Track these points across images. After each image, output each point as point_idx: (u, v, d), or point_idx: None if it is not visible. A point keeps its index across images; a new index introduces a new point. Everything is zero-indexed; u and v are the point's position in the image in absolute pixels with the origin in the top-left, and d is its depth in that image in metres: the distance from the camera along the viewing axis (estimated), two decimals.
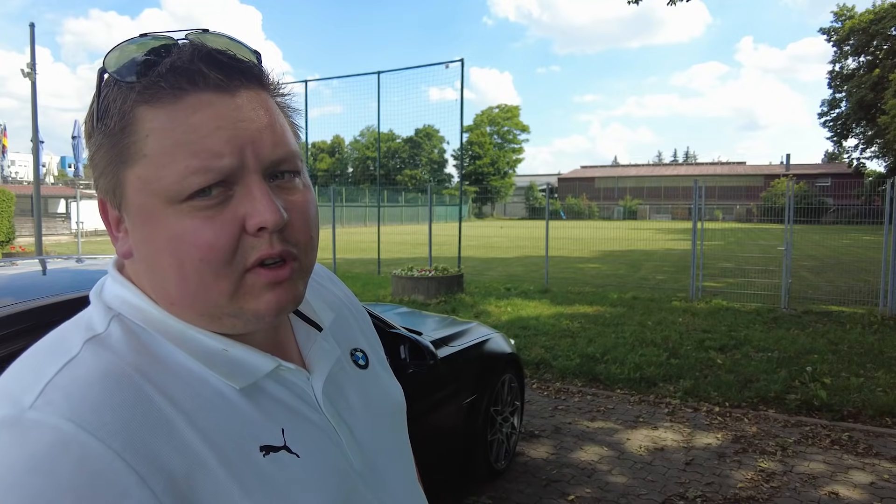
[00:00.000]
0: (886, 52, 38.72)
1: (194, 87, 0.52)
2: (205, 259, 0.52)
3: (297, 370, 0.62)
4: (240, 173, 0.53)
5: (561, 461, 3.84)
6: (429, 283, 9.59)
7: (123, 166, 0.53)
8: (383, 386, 0.76)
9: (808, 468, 3.73)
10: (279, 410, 0.58)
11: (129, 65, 0.53)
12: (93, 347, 0.52)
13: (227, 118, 0.52)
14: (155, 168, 0.52)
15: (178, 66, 0.52)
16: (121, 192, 0.54)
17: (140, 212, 0.54)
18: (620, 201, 57.71)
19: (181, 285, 0.54)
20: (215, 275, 0.53)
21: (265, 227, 0.53)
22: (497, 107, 67.83)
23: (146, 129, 0.52)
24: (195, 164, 0.51)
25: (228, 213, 0.53)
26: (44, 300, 1.63)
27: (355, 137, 68.42)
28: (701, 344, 6.53)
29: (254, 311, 0.55)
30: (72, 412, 0.46)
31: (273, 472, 0.54)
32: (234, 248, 0.53)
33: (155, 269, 0.55)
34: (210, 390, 0.55)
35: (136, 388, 0.50)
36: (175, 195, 0.52)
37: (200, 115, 0.52)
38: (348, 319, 0.79)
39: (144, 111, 0.52)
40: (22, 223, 22.08)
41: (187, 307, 0.56)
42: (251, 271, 0.54)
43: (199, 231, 0.52)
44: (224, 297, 0.54)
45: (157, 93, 0.52)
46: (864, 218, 12.43)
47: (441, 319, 3.98)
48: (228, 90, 0.53)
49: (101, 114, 0.53)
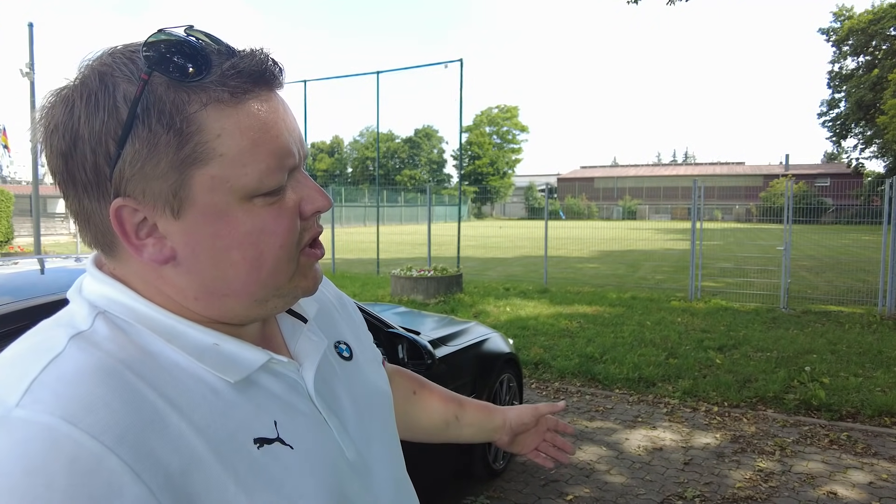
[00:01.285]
0: (885, 53, 38.75)
1: (258, 88, 0.55)
2: (284, 245, 0.57)
3: (288, 362, 0.63)
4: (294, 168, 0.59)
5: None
6: (428, 283, 9.59)
7: (193, 167, 0.52)
8: (368, 377, 0.77)
9: (807, 468, 3.73)
10: (272, 403, 0.59)
11: (193, 64, 0.51)
12: (79, 343, 0.51)
13: (285, 118, 0.57)
14: (232, 167, 0.53)
15: (256, 69, 0.54)
16: (185, 194, 0.53)
17: (210, 210, 0.54)
18: (620, 201, 57.71)
19: (252, 275, 0.57)
20: (288, 259, 0.58)
21: (320, 211, 0.60)
22: (496, 107, 67.90)
23: (216, 129, 0.52)
24: (273, 164, 0.55)
25: (288, 201, 0.58)
26: (41, 299, 1.63)
27: (354, 137, 68.63)
28: (700, 344, 6.54)
29: (304, 288, 0.62)
30: (61, 409, 0.45)
31: (267, 464, 0.54)
32: (298, 232, 0.59)
33: (218, 266, 0.56)
34: (202, 385, 0.55)
35: (126, 384, 0.49)
36: (251, 192, 0.54)
37: (268, 115, 0.55)
38: (332, 312, 0.80)
39: (212, 111, 0.52)
40: (21, 223, 22.06)
41: (243, 297, 0.58)
42: (303, 252, 0.61)
43: (277, 221, 0.56)
44: (287, 277, 0.59)
45: (230, 93, 0.52)
46: (863, 218, 12.45)
47: (440, 319, 3.98)
48: (275, 90, 0.57)
49: (151, 114, 0.50)
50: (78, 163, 0.52)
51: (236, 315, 0.59)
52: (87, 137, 0.51)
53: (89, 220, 0.55)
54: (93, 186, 0.53)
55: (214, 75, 0.52)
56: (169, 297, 0.57)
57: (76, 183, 0.53)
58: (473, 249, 19.09)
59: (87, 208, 0.54)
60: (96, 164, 0.52)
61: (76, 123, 0.51)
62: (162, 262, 0.55)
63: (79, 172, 0.53)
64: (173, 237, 0.55)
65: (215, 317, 0.58)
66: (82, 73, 0.53)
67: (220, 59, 0.53)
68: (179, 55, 0.51)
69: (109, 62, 0.52)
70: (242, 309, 0.59)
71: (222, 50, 0.54)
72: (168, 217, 0.54)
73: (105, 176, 0.52)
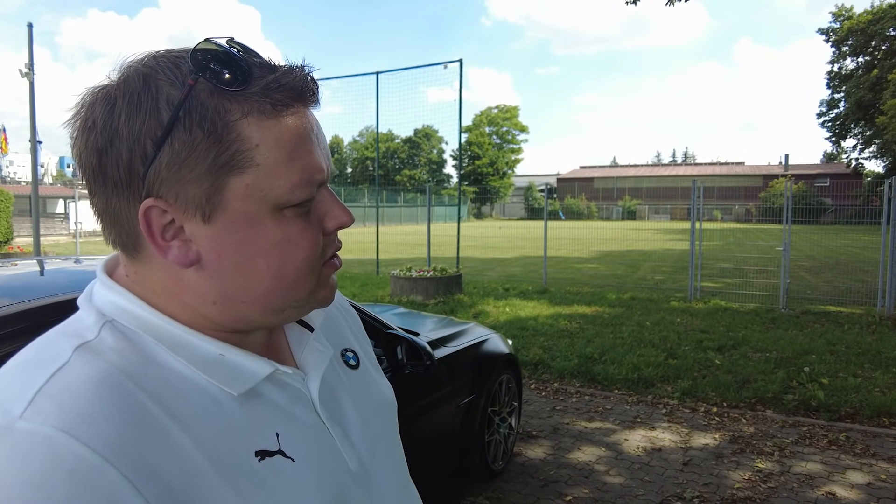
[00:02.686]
0: (885, 53, 38.76)
1: (297, 104, 0.56)
2: (307, 258, 0.59)
3: (293, 373, 0.63)
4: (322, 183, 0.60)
5: (558, 462, 3.85)
6: (427, 283, 9.59)
7: (229, 174, 0.53)
8: (374, 386, 0.76)
9: (806, 468, 3.73)
10: (274, 414, 0.59)
11: (240, 74, 0.53)
12: (83, 354, 0.51)
13: (318, 134, 0.59)
14: (267, 178, 0.54)
15: (296, 84, 0.55)
16: (217, 199, 0.54)
17: (242, 218, 0.55)
18: (619, 201, 57.70)
19: (274, 284, 0.58)
20: (311, 271, 0.60)
21: (342, 227, 0.61)
22: (496, 107, 67.88)
23: (255, 139, 0.53)
24: (305, 178, 0.56)
25: (313, 216, 0.59)
26: (41, 300, 1.63)
27: (354, 138, 68.48)
28: (699, 344, 6.54)
29: (321, 299, 0.63)
30: (63, 421, 0.45)
31: (268, 477, 0.54)
32: (322, 246, 0.60)
33: (243, 272, 0.56)
34: (205, 397, 0.55)
35: (129, 396, 0.50)
36: (283, 203, 0.55)
37: (302, 130, 0.56)
38: (338, 319, 0.80)
39: (254, 121, 0.53)
40: (20, 223, 22.06)
41: (262, 305, 0.59)
42: (325, 265, 0.62)
43: (302, 234, 0.58)
44: (308, 290, 0.60)
45: (271, 105, 0.54)
46: (863, 218, 12.46)
47: (439, 320, 3.98)
48: (310, 106, 0.59)
49: (194, 119, 0.52)
50: (112, 160, 0.53)
51: (251, 322, 0.60)
52: (126, 136, 0.52)
53: (116, 218, 0.56)
54: (124, 185, 0.53)
55: (257, 87, 0.53)
56: (183, 303, 0.57)
57: (107, 180, 0.54)
58: (473, 250, 19.09)
59: (115, 207, 0.55)
60: (131, 164, 0.52)
61: (116, 121, 0.52)
62: (186, 264, 0.56)
63: (111, 170, 0.53)
64: (199, 241, 0.55)
65: (228, 322, 0.59)
66: (125, 73, 0.53)
67: (262, 71, 0.54)
68: (224, 64, 0.52)
69: (153, 65, 0.53)
70: (258, 316, 0.59)
71: (263, 63, 0.55)
72: (198, 221, 0.54)
73: (138, 175, 0.52)
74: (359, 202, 37.92)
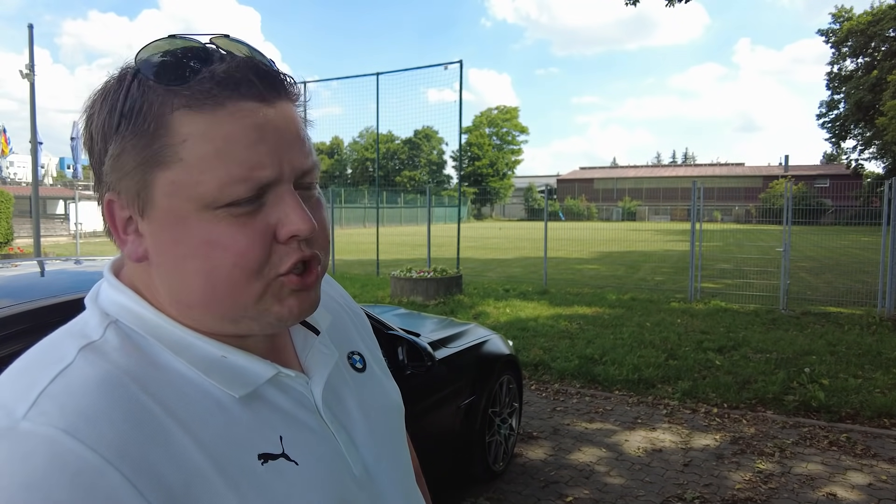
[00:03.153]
0: (885, 54, 38.78)
1: (238, 96, 0.53)
2: (238, 265, 0.53)
3: (296, 376, 0.62)
4: (274, 183, 0.54)
5: (559, 462, 3.85)
6: (427, 284, 9.59)
7: (156, 169, 0.53)
8: (381, 389, 0.76)
9: (806, 469, 3.73)
10: (277, 417, 0.58)
11: (170, 68, 0.52)
12: (88, 355, 0.51)
13: (267, 129, 0.53)
14: (192, 173, 0.52)
15: (230, 75, 0.52)
16: (147, 195, 0.54)
17: (169, 215, 0.53)
18: (619, 202, 57.71)
19: (207, 290, 0.54)
20: (246, 280, 0.54)
21: (297, 236, 0.55)
22: (496, 108, 67.90)
23: (183, 134, 0.52)
24: (237, 174, 0.52)
25: (260, 221, 0.54)
26: (42, 301, 1.63)
27: (354, 139, 68.39)
28: (699, 345, 6.54)
29: (277, 315, 0.57)
30: (66, 422, 0.45)
31: (271, 481, 0.54)
32: (266, 255, 0.54)
33: (177, 273, 0.55)
34: (208, 399, 0.55)
35: (132, 398, 0.50)
36: (212, 202, 0.52)
37: (242, 125, 0.52)
38: (345, 322, 0.79)
39: (183, 115, 0.52)
40: (20, 224, 22.07)
41: (209, 311, 0.56)
42: (281, 277, 0.55)
43: (233, 237, 0.53)
44: (252, 300, 0.55)
45: (200, 99, 0.52)
46: (863, 219, 12.46)
47: (439, 321, 3.98)
48: (267, 100, 0.54)
49: (130, 114, 0.52)
50: (96, 156, 0.55)
51: (210, 328, 0.57)
52: (95, 132, 0.54)
53: (103, 213, 0.58)
54: (100, 180, 0.56)
55: (191, 81, 0.52)
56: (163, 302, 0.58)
57: (96, 175, 0.57)
58: (473, 250, 19.09)
59: (101, 202, 0.57)
60: (100, 159, 0.55)
61: (96, 119, 0.54)
62: (136, 259, 0.57)
63: (96, 165, 0.56)
64: (147, 237, 0.56)
65: (192, 326, 0.57)
66: (114, 73, 0.56)
67: (200, 64, 0.52)
68: (164, 59, 0.52)
69: (130, 63, 0.55)
70: (213, 323, 0.57)
71: (215, 58, 0.53)
72: (139, 217, 0.55)
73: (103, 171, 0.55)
74: (359, 203, 37.93)
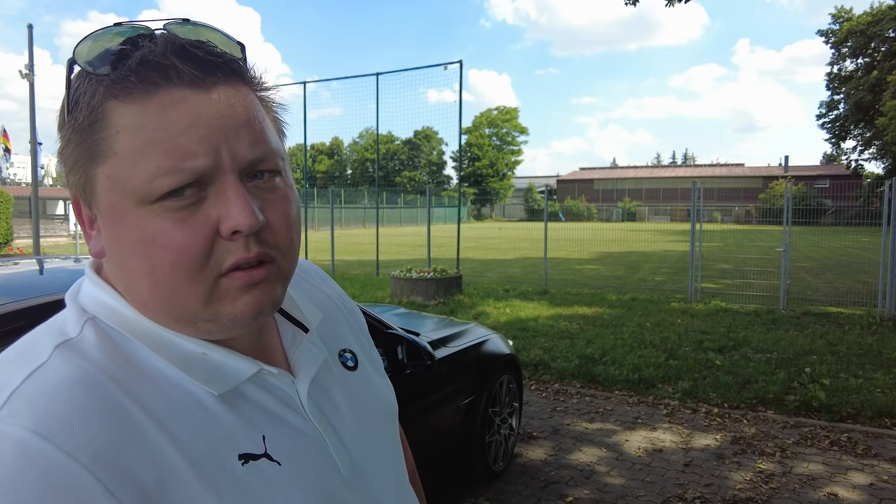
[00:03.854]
0: (884, 54, 38.79)
1: (167, 82, 0.49)
2: (176, 263, 0.50)
3: (280, 374, 0.60)
4: (214, 174, 0.51)
5: (559, 462, 3.84)
6: (427, 284, 9.58)
7: (93, 163, 0.51)
8: (373, 388, 0.74)
9: (807, 469, 3.72)
10: (260, 416, 0.56)
11: (102, 56, 0.50)
12: (63, 353, 0.50)
13: (200, 115, 0.50)
14: (125, 167, 0.49)
15: (150, 60, 0.49)
16: (91, 190, 0.52)
17: (110, 211, 0.52)
18: (619, 203, 57.69)
19: (153, 289, 0.52)
20: (188, 279, 0.51)
21: (239, 231, 0.51)
22: (496, 108, 67.90)
23: (116, 126, 0.49)
24: (166, 165, 0.49)
25: (201, 215, 0.50)
26: (40, 299, 1.62)
27: (354, 139, 68.43)
28: (699, 345, 6.53)
29: (230, 316, 0.53)
30: (36, 423, 0.44)
31: (251, 482, 0.52)
32: (207, 251, 0.51)
33: (126, 271, 0.53)
34: (186, 397, 0.53)
35: (107, 396, 0.48)
36: (146, 196, 0.49)
37: (173, 113, 0.49)
38: (338, 319, 0.77)
39: (115, 106, 0.49)
40: (20, 225, 22.07)
41: (160, 311, 0.54)
42: (226, 276, 0.52)
43: (170, 233, 0.50)
44: (198, 301, 0.52)
45: (128, 87, 0.49)
46: (863, 219, 12.46)
47: (439, 320, 3.97)
48: (204, 86, 0.51)
49: (71, 107, 0.51)
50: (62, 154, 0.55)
51: (172, 328, 0.55)
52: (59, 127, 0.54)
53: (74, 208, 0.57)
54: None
55: (122, 68, 0.49)
56: None
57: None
58: (473, 251, 19.08)
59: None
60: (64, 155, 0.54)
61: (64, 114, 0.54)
62: (96, 255, 0.56)
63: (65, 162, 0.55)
64: (103, 233, 0.55)
65: (159, 323, 0.55)
66: None
67: (131, 51, 0.50)
68: (101, 48, 0.51)
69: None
70: (172, 325, 0.54)
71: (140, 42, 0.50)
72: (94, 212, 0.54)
73: None
74: (359, 203, 37.95)
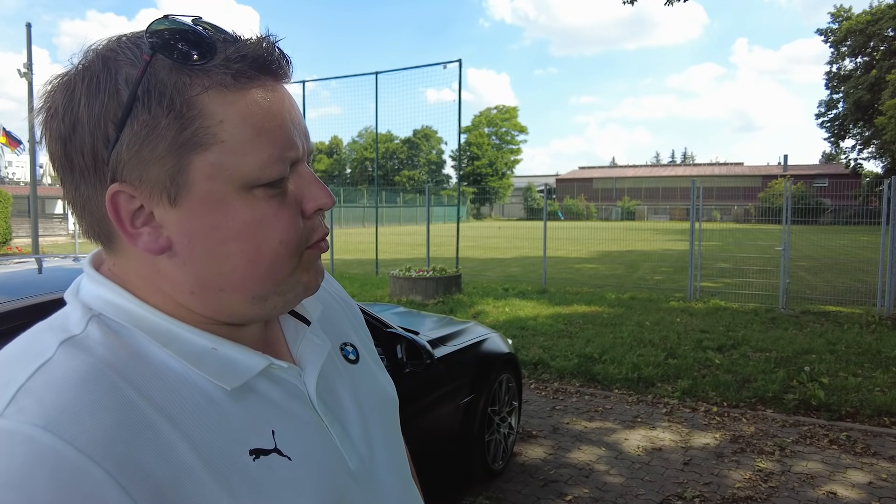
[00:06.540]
0: (883, 53, 38.80)
1: (264, 76, 0.53)
2: (284, 241, 0.55)
3: (289, 367, 0.61)
4: (297, 161, 0.57)
5: (558, 461, 3.84)
6: (426, 283, 9.58)
7: (192, 152, 0.51)
8: (375, 381, 0.74)
9: (806, 468, 3.72)
10: (270, 411, 0.57)
11: (193, 46, 0.50)
12: (69, 349, 0.49)
13: (290, 110, 0.56)
14: (234, 155, 0.52)
15: (258, 55, 0.53)
16: (183, 180, 0.51)
17: (209, 199, 0.52)
18: (618, 202, 57.71)
19: (251, 269, 0.55)
20: (290, 255, 0.56)
21: (322, 209, 0.58)
22: (495, 108, 67.90)
23: (220, 115, 0.51)
24: (275, 154, 0.53)
25: (291, 197, 0.56)
26: (39, 297, 1.62)
27: (353, 138, 68.42)
28: (699, 344, 6.53)
29: (306, 284, 0.60)
30: (45, 419, 0.43)
31: (263, 477, 0.52)
32: (302, 229, 0.57)
33: (215, 258, 0.54)
34: (197, 392, 0.53)
35: (116, 392, 0.48)
36: (252, 182, 0.53)
37: (272, 105, 0.53)
38: (338, 313, 0.77)
39: (216, 95, 0.51)
40: (19, 224, 22.06)
41: (242, 293, 0.56)
42: (310, 248, 0.59)
43: (279, 215, 0.55)
44: (287, 273, 0.57)
45: (229, 77, 0.51)
46: (862, 218, 12.47)
47: (438, 319, 3.96)
48: (283, 80, 0.56)
49: (149, 97, 0.49)
50: (76, 147, 0.51)
51: (234, 313, 0.57)
52: (87, 120, 0.50)
53: (85, 207, 0.54)
54: (90, 172, 0.52)
55: (218, 60, 0.51)
56: (167, 295, 0.55)
57: (74, 168, 0.52)
58: (472, 250, 19.07)
59: (84, 195, 0.53)
60: (94, 148, 0.50)
61: (76, 106, 0.50)
62: (157, 252, 0.53)
63: (76, 157, 0.51)
64: (170, 226, 0.53)
65: (212, 314, 0.56)
66: (86, 58, 0.52)
67: (224, 45, 0.52)
68: (183, 40, 0.50)
69: (114, 47, 0.52)
70: (240, 306, 0.56)
71: (228, 38, 0.53)
72: (165, 205, 0.52)
73: (102, 160, 0.51)
74: (358, 203, 37.92)
